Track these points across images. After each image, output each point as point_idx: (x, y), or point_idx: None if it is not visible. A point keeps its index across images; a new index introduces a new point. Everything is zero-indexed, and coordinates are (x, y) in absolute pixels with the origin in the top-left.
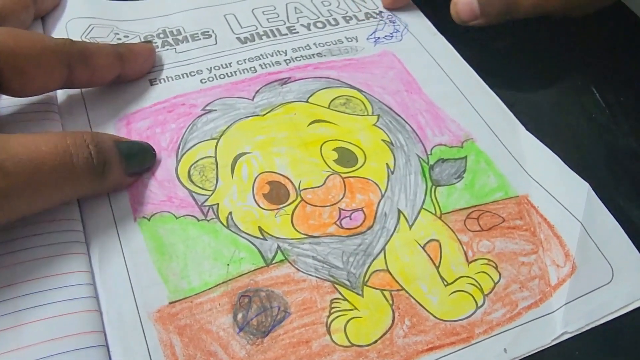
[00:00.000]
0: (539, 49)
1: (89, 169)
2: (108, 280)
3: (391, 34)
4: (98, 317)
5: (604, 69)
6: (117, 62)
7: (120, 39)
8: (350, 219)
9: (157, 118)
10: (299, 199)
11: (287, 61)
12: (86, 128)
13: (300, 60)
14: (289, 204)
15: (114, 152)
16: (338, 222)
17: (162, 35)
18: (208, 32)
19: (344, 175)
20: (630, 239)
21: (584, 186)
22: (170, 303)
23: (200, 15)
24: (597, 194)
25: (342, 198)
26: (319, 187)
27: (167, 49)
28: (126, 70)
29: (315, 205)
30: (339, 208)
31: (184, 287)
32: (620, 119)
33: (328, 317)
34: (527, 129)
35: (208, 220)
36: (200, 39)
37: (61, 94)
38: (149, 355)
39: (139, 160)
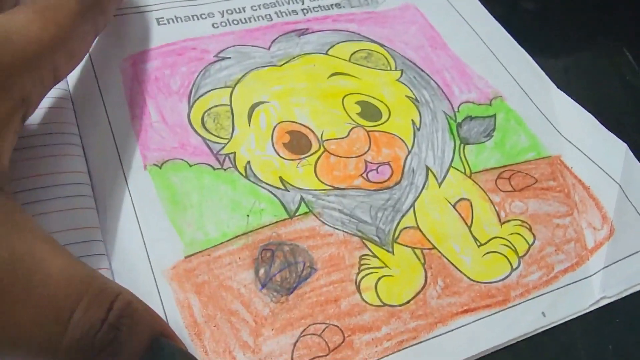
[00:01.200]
0: (570, 10)
1: (80, 343)
2: (118, 236)
3: None
4: (109, 276)
5: (636, 31)
6: None
7: None
8: (377, 173)
9: (166, 60)
10: (322, 149)
11: (305, 11)
12: (89, 70)
13: (318, 10)
14: (311, 154)
15: (142, 345)
16: (364, 175)
17: None
18: None
19: (368, 128)
20: None
21: (622, 146)
22: (186, 257)
23: None
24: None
25: (367, 151)
26: (343, 138)
27: None
28: (120, 2)
29: (340, 156)
30: (365, 160)
31: (201, 238)
32: None
33: (357, 274)
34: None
35: (225, 169)
36: None
37: None
38: (166, 318)
39: None
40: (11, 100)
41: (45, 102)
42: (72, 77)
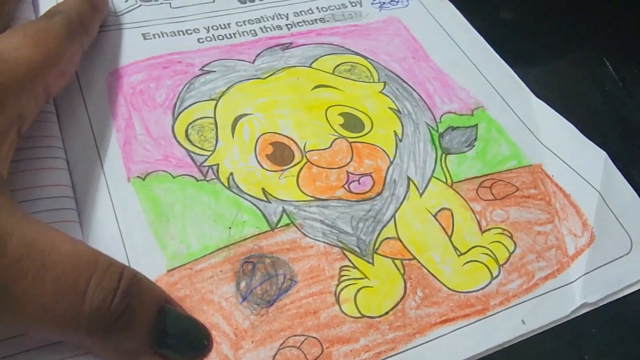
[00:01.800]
0: (550, 21)
1: (99, 313)
2: (100, 249)
3: None
4: None
5: (616, 41)
6: (98, 15)
7: None
8: (359, 183)
9: (152, 73)
10: (305, 160)
11: (289, 26)
12: (74, 85)
13: (302, 25)
14: (293, 165)
15: (151, 311)
16: (346, 186)
17: None
18: None
19: (350, 140)
20: None
21: (601, 155)
22: (168, 271)
23: None
24: None
25: (349, 162)
26: (325, 149)
27: (161, 3)
28: (102, 19)
29: (322, 167)
30: (347, 171)
31: (183, 251)
32: (634, 92)
33: (337, 285)
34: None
35: (208, 181)
36: None
37: None
38: None
39: (181, 341)
40: (7, 116)
41: None
42: (58, 95)
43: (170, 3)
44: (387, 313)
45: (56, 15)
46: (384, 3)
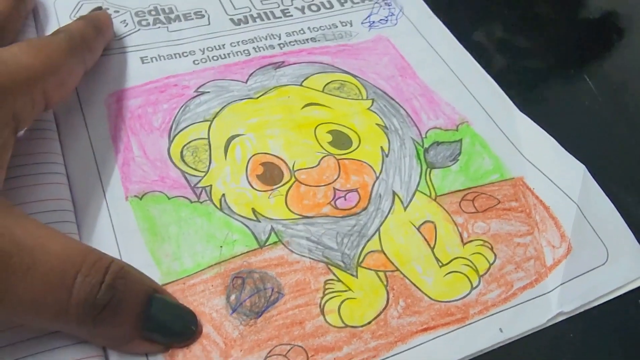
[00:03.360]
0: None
1: (86, 304)
2: None
3: (386, 17)
4: None
5: (597, 62)
6: (102, 37)
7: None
8: (345, 200)
9: (149, 97)
10: (293, 179)
11: (281, 45)
12: (75, 104)
13: (294, 45)
14: (282, 184)
15: (138, 300)
16: (332, 202)
17: (153, 13)
18: (201, 11)
19: (338, 157)
20: (624, 222)
21: (580, 168)
22: (162, 285)
23: None
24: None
25: (336, 178)
26: (313, 167)
27: (159, 27)
28: (106, 41)
29: (310, 185)
30: (334, 188)
31: (176, 269)
32: (612, 107)
33: (322, 298)
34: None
35: (201, 202)
36: (193, 19)
37: None
38: None
39: (169, 328)
40: (2, 115)
41: (32, 134)
42: (59, 111)
43: (167, 27)
44: (369, 323)
45: (59, 33)
46: (373, 22)
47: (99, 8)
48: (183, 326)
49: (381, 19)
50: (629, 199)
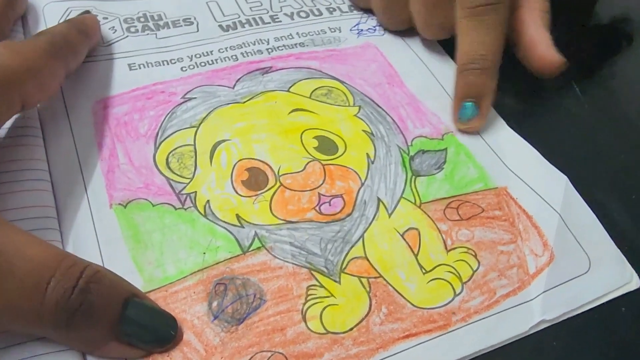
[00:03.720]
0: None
1: (57, 307)
2: None
3: (374, 27)
4: None
5: (584, 68)
6: (87, 40)
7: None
8: (330, 205)
9: (136, 104)
10: (278, 184)
11: (269, 50)
12: (61, 111)
13: (282, 49)
14: (267, 190)
15: (112, 303)
16: (317, 208)
17: (142, 19)
18: (190, 18)
19: (324, 162)
20: (607, 230)
21: (562, 179)
22: (145, 293)
23: (182, 1)
24: (576, 187)
25: (321, 184)
26: (298, 172)
27: (148, 34)
28: (92, 46)
29: (295, 190)
30: (319, 193)
31: (159, 276)
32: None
33: (304, 304)
34: (508, 124)
35: (185, 209)
36: (181, 26)
37: None
38: None
39: (147, 331)
40: None
41: (17, 140)
42: (45, 117)
43: (156, 34)
44: (351, 329)
45: (41, 35)
46: (362, 30)
47: (87, 12)
48: (162, 330)
49: (369, 28)
50: (614, 205)
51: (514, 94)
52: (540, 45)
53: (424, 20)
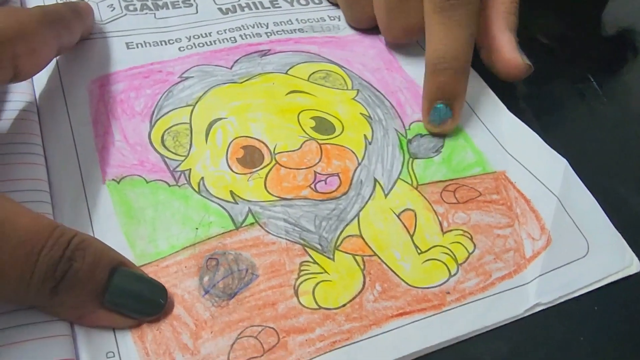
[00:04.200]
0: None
1: (43, 276)
2: None
3: None
4: None
5: (600, 61)
6: (81, 21)
7: None
8: (325, 183)
9: (133, 82)
10: (274, 162)
11: (268, 34)
12: (57, 88)
13: (281, 34)
14: (262, 167)
15: (97, 271)
16: (312, 186)
17: None
18: (189, 0)
19: (320, 141)
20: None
21: (562, 163)
22: None
23: None
24: (585, 172)
25: (317, 162)
26: (294, 150)
27: (146, 13)
28: (85, 28)
29: (290, 168)
30: (315, 171)
31: (151, 251)
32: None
33: (297, 279)
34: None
35: (179, 186)
36: (180, 7)
37: None
38: None
39: (135, 300)
40: None
41: (12, 114)
42: (41, 93)
43: (155, 13)
44: (344, 305)
45: (34, 7)
46: None
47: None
48: (151, 298)
49: None
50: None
51: (531, 88)
52: (505, 48)
53: (385, 20)
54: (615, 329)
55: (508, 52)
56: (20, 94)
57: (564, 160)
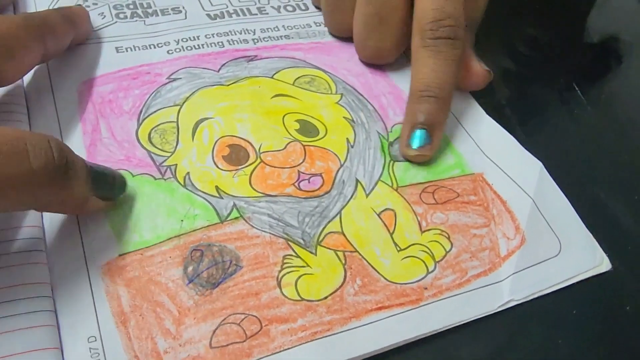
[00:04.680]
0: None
1: (49, 168)
2: (57, 234)
3: None
4: (45, 269)
5: (584, 70)
6: (71, 27)
7: (88, 7)
8: (309, 182)
9: (121, 84)
10: (259, 160)
11: (255, 40)
12: (47, 90)
13: (267, 40)
14: (248, 165)
15: (80, 162)
16: (296, 184)
17: (131, 7)
18: (178, 7)
19: (304, 143)
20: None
21: (537, 165)
22: (119, 255)
23: None
24: (566, 176)
25: (301, 162)
26: (279, 150)
27: (136, 20)
28: (78, 34)
29: (275, 167)
30: (298, 171)
31: (136, 240)
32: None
33: (279, 271)
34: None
35: (165, 180)
36: (170, 14)
37: None
38: (94, 306)
39: (108, 181)
40: None
41: (1, 116)
42: (31, 96)
43: (144, 20)
44: (325, 298)
45: (20, 14)
46: None
47: (79, 5)
48: (118, 177)
49: None
50: (618, 205)
51: (516, 96)
52: (465, 58)
53: (361, 37)
54: (593, 332)
55: (468, 62)
56: (10, 95)
57: (539, 162)
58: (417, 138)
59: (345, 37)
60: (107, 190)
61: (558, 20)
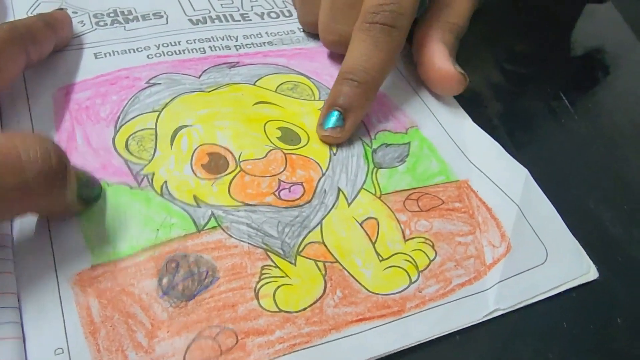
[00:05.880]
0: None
1: (39, 171)
2: (26, 244)
3: None
4: (12, 278)
5: (571, 79)
6: (52, 33)
7: None
8: (289, 192)
9: (99, 90)
10: (238, 169)
11: (237, 47)
12: (22, 97)
13: (250, 47)
14: (227, 174)
15: (69, 166)
16: (276, 193)
17: (112, 14)
18: (160, 12)
19: (286, 151)
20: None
21: (523, 172)
22: (92, 266)
23: None
24: (553, 184)
25: (282, 171)
26: (259, 159)
27: (116, 27)
28: (59, 39)
29: (255, 176)
30: (279, 179)
31: (109, 251)
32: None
33: (257, 282)
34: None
35: (141, 189)
36: (151, 19)
37: None
38: (63, 317)
39: (89, 186)
40: None
41: None
42: (4, 103)
43: (124, 26)
44: (304, 309)
45: (3, 24)
46: None
47: (60, 9)
48: (95, 180)
49: None
50: (607, 214)
51: (504, 106)
52: (436, 58)
53: (326, 19)
54: (584, 345)
55: (439, 61)
56: None
57: (525, 169)
58: (330, 119)
59: (314, 31)
60: (89, 194)
61: (545, 33)
